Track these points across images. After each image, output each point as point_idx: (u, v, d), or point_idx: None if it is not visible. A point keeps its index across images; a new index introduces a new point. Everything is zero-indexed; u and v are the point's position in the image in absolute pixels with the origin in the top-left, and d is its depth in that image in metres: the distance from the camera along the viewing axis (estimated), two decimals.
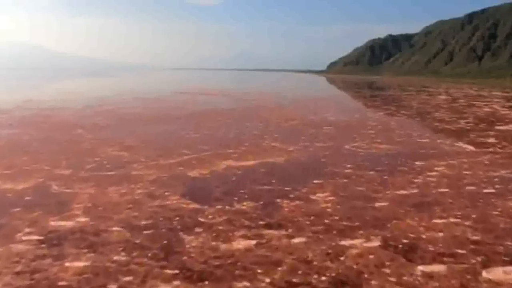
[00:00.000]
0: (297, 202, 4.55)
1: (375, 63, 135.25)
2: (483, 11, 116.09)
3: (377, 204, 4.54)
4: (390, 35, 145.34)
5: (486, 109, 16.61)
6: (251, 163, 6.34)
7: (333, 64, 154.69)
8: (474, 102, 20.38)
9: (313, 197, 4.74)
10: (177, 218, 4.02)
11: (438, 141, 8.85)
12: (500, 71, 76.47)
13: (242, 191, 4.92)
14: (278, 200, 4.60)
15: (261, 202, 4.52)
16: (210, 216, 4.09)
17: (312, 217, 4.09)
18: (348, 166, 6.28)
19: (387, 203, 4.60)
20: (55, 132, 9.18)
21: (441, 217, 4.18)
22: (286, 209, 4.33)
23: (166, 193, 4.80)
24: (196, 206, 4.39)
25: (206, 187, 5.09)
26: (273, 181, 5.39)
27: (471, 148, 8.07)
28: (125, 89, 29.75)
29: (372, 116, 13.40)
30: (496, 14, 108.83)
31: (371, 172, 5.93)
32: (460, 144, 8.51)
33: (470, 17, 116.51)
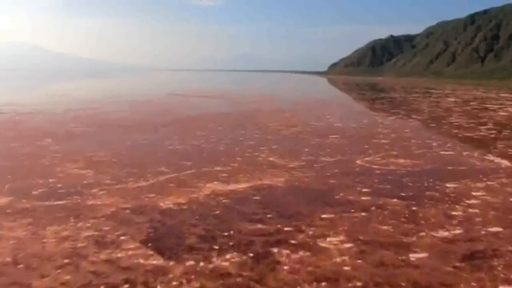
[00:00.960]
0: (301, 253, 3.27)
1: (376, 64, 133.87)
2: (485, 11, 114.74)
3: (413, 257, 3.25)
4: (392, 36, 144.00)
5: (503, 113, 15.33)
6: (242, 187, 5.05)
7: (333, 65, 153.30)
8: (487, 105, 19.10)
9: (322, 244, 3.45)
10: (126, 287, 2.74)
11: (464, 153, 7.56)
12: (504, 72, 75.29)
13: (226, 233, 3.64)
14: (275, 250, 3.31)
15: (251, 254, 3.23)
16: (174, 283, 2.80)
17: (323, 283, 2.81)
18: (364, 190, 5.00)
19: (425, 253, 3.31)
20: (18, 142, 7.89)
21: (509, 282, 2.90)
22: (285, 267, 3.04)
23: (122, 238, 3.52)
24: (159, 261, 3.10)
25: (178, 227, 3.80)
26: (269, 215, 4.10)
27: (506, 163, 6.78)
28: (120, 91, 28.52)
29: (382, 122, 12.11)
30: (498, 15, 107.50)
31: (395, 200, 4.65)
32: (491, 157, 7.22)
33: (472, 17, 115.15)
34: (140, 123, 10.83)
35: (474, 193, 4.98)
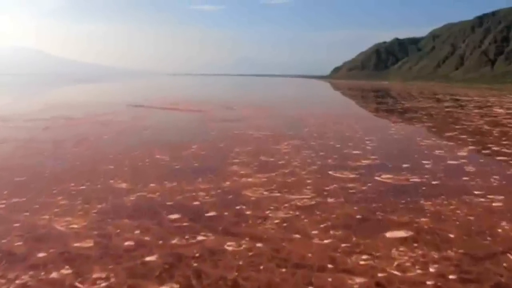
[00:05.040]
0: None
1: (381, 68, 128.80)
2: (494, 13, 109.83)
3: None
4: (397, 39, 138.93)
5: None
6: None
7: (337, 69, 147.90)
8: None
9: None
10: None
11: None
12: None
13: None
14: None
15: None
16: None
17: None
18: None
19: None
20: None
21: None
22: None
23: None
24: None
25: None
26: None
27: None
28: (77, 100, 23.11)
29: (458, 164, 6.53)
30: (508, 16, 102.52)
31: None
32: None
33: (480, 19, 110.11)
34: None
35: None
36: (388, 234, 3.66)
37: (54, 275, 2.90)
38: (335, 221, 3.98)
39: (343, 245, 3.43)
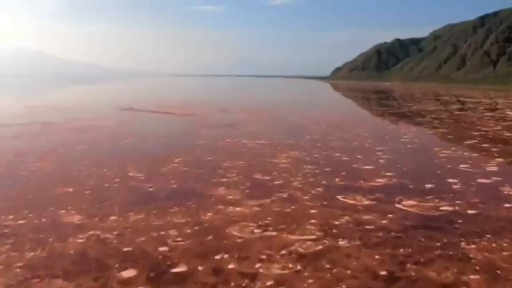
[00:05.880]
0: None
1: (381, 68, 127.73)
2: (495, 13, 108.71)
3: None
4: (398, 40, 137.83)
5: None
6: None
7: (337, 70, 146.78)
8: None
9: None
10: None
11: None
12: None
13: None
14: None
15: None
16: None
17: None
18: None
19: None
20: None
21: None
22: None
23: None
24: None
25: None
26: None
27: None
28: (68, 102, 22.01)
29: (498, 189, 5.32)
30: (510, 17, 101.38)
31: None
32: None
33: (482, 20, 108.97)
34: None
35: None
36: None
37: None
38: (352, 281, 2.84)
39: None
